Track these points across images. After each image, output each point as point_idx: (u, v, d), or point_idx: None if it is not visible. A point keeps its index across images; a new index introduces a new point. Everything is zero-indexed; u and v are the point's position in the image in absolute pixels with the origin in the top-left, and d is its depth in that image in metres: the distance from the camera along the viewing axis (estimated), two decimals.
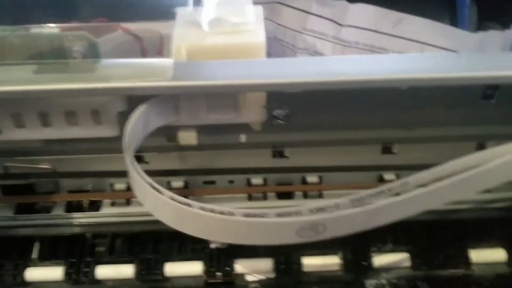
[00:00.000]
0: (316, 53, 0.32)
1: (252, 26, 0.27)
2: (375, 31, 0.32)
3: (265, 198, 0.30)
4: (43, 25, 0.28)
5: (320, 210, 0.20)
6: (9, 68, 0.24)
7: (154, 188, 0.21)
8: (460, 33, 0.32)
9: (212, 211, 0.20)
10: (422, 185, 0.22)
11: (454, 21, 0.40)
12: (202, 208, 0.20)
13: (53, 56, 0.26)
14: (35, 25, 0.28)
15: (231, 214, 0.20)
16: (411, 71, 0.23)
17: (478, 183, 0.23)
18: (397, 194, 0.21)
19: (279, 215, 0.20)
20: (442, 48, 0.32)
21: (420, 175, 0.23)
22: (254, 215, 0.20)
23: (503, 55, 0.27)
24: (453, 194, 0.22)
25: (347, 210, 0.20)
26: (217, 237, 0.23)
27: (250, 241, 0.21)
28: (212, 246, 0.28)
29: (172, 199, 0.20)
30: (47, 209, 0.30)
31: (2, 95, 0.24)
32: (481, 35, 0.32)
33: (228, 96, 0.26)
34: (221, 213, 0.20)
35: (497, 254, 0.29)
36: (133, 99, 0.25)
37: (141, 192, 0.22)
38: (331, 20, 0.33)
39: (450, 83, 0.23)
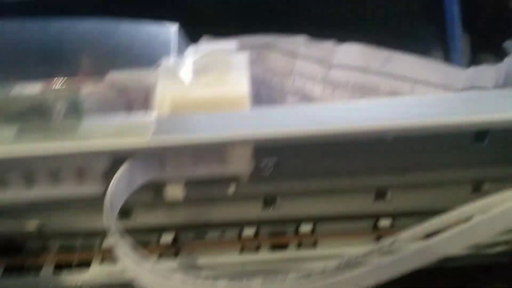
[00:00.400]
0: (305, 96, 0.32)
1: (236, 77, 0.26)
2: (365, 70, 0.31)
3: (258, 249, 0.29)
4: (25, 83, 0.27)
5: (306, 278, 0.19)
6: None
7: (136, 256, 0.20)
8: (451, 69, 0.31)
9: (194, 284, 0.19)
10: (414, 240, 0.21)
11: (447, 54, 0.40)
12: (183, 282, 0.19)
13: (34, 115, 0.25)
14: (17, 81, 0.28)
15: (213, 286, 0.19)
16: (398, 119, 0.23)
17: (475, 234, 0.22)
18: (388, 252, 0.20)
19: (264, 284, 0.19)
20: (434, 84, 0.31)
21: (411, 231, 0.22)
22: None
23: (492, 95, 0.26)
24: (446, 248, 0.21)
25: (334, 277, 0.19)
26: None
27: None
28: None
29: (153, 271, 0.20)
30: (36, 269, 0.29)
31: None
32: (473, 70, 0.31)
33: (214, 148, 0.25)
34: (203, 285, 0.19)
35: None
36: (117, 156, 0.24)
37: (123, 258, 0.21)
38: (319, 61, 0.32)
39: (438, 130, 0.22)
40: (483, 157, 0.25)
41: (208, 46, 0.31)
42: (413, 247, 0.20)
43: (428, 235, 0.21)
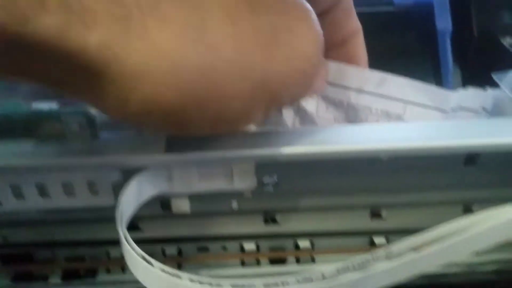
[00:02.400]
0: (300, 109, 0.33)
1: None
2: (359, 90, 0.32)
3: (258, 263, 0.30)
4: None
5: (306, 280, 0.21)
6: (10, 144, 0.25)
7: (145, 260, 0.22)
8: (441, 91, 0.32)
9: (200, 282, 0.20)
10: (413, 249, 0.22)
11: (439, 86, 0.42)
12: (191, 280, 0.21)
13: (52, 131, 0.27)
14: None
15: (219, 285, 0.20)
16: (391, 141, 0.25)
17: (467, 246, 0.23)
18: (387, 258, 0.22)
19: (266, 285, 0.21)
20: (424, 105, 0.32)
21: (408, 240, 0.23)
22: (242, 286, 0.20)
23: (482, 122, 0.28)
24: (444, 257, 0.22)
25: (334, 280, 0.20)
26: None
27: None
28: None
29: (163, 271, 0.21)
30: (44, 277, 0.30)
31: (2, 168, 0.25)
32: (461, 92, 0.32)
33: (219, 165, 0.27)
34: (210, 284, 0.21)
35: None
36: (128, 170, 0.26)
37: (133, 263, 0.23)
38: None
39: (431, 153, 0.24)
40: (472, 180, 0.27)
41: None
42: (404, 258, 0.22)
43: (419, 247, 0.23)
